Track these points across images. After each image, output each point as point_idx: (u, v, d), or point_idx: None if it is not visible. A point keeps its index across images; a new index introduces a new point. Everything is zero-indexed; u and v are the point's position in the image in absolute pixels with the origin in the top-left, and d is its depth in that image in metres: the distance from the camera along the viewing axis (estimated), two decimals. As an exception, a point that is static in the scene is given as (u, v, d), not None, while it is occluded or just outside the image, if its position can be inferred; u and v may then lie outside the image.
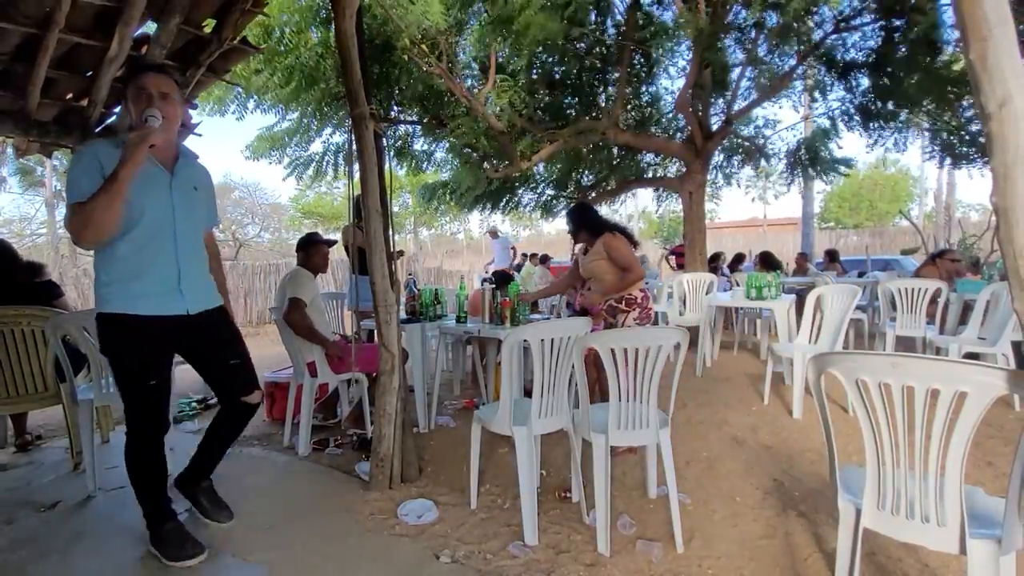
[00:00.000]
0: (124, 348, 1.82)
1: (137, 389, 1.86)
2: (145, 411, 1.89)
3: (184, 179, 1.91)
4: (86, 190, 1.65)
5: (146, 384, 1.85)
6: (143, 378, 1.85)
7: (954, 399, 1.24)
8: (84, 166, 1.72)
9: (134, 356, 1.83)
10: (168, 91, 1.82)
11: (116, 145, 1.76)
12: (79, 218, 1.65)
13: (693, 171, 6.24)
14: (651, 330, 2.11)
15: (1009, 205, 1.08)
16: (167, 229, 1.83)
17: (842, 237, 19.50)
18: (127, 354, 1.83)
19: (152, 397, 1.88)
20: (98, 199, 1.62)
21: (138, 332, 1.81)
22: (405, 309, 3.62)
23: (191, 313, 1.92)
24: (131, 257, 1.78)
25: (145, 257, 1.79)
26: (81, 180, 1.68)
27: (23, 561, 2.01)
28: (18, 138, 3.70)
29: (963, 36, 1.12)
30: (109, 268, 1.79)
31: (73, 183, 1.69)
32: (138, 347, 1.82)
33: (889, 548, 1.91)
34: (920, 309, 4.04)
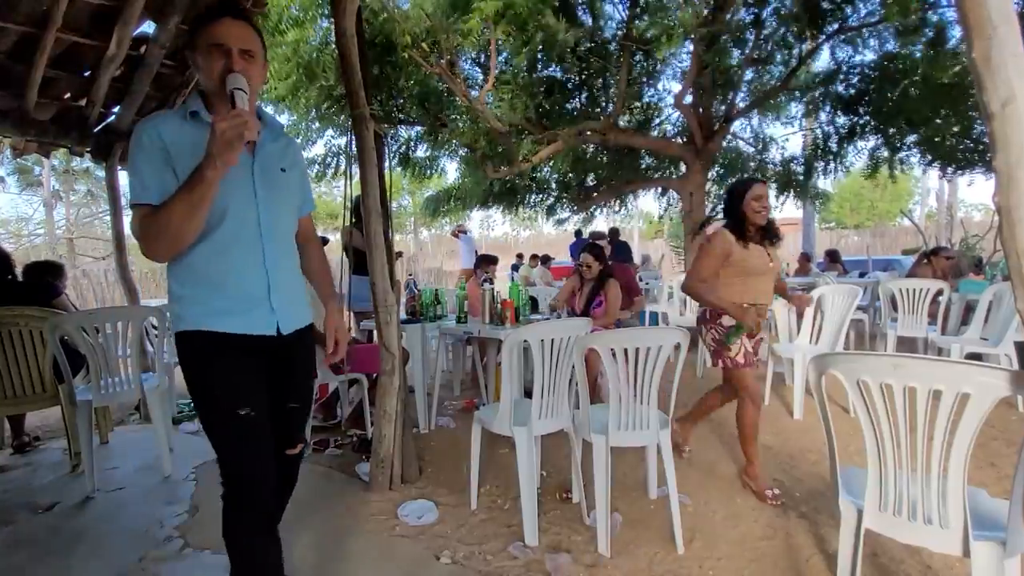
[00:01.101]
0: (204, 369, 1.36)
1: (226, 423, 1.34)
2: (239, 453, 1.35)
3: (269, 159, 1.43)
4: (152, 186, 1.27)
5: (236, 414, 1.33)
6: (232, 406, 1.34)
7: (956, 400, 1.24)
8: (145, 153, 1.28)
9: (217, 378, 1.36)
10: (252, 48, 1.34)
11: (185, 117, 1.33)
12: (150, 227, 1.26)
13: (693, 171, 6.23)
14: (651, 330, 2.10)
15: (1012, 205, 1.07)
16: (252, 228, 1.38)
17: (843, 237, 19.50)
18: (208, 376, 1.35)
19: (247, 433, 1.35)
20: (175, 206, 1.21)
21: (221, 351, 1.36)
22: (405, 309, 3.62)
23: (283, 334, 1.44)
24: (209, 265, 1.34)
25: (226, 264, 1.35)
26: (143, 172, 1.27)
27: (22, 563, 2.01)
28: (16, 138, 3.69)
29: (966, 35, 1.12)
30: (182, 278, 1.36)
31: (135, 175, 1.29)
32: (222, 367, 1.36)
33: (891, 549, 1.90)
34: (922, 309, 4.03)
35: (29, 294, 3.00)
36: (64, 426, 2.99)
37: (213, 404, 1.36)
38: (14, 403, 2.90)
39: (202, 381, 1.36)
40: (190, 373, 1.37)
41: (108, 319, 2.82)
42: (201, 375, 1.36)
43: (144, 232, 1.27)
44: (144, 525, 2.25)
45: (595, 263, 3.68)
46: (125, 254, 4.27)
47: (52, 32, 2.92)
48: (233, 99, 1.23)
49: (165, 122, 1.32)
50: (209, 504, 2.43)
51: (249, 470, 1.36)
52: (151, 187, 1.27)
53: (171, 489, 2.62)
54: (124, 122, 3.93)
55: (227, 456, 1.35)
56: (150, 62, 3.40)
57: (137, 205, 1.28)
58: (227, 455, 1.35)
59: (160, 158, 1.28)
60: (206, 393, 1.36)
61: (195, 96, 1.37)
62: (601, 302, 3.66)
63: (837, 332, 3.35)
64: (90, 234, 18.76)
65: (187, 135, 1.31)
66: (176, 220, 1.22)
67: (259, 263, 1.39)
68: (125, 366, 2.91)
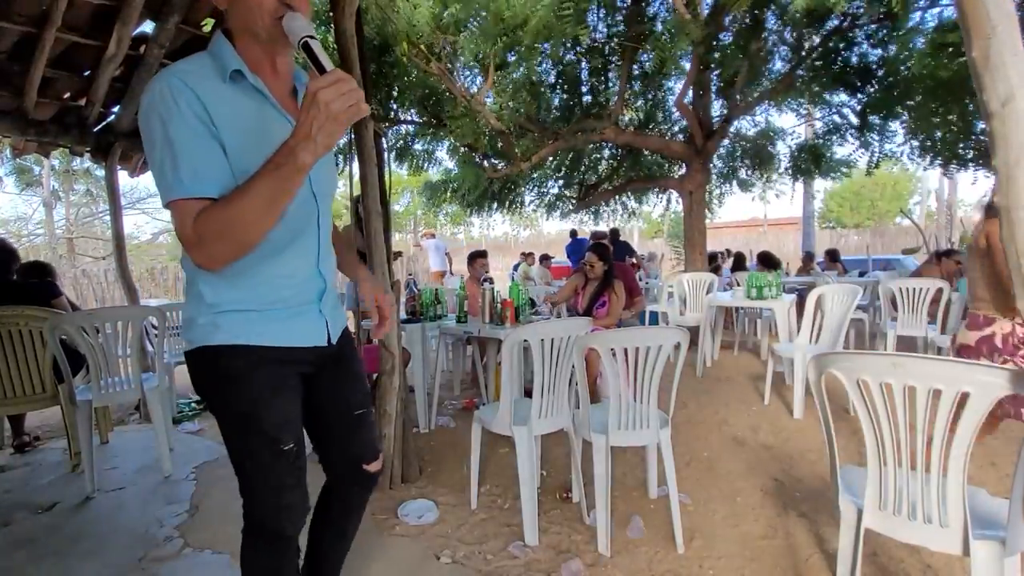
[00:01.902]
0: (244, 393, 1.10)
1: (268, 457, 1.12)
2: (279, 489, 1.15)
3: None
4: (205, 171, 0.96)
5: (280, 449, 1.13)
6: (276, 439, 1.12)
7: (956, 399, 1.24)
8: (187, 125, 0.95)
9: (261, 404, 1.11)
10: None
11: (224, 78, 1.02)
12: (211, 226, 0.93)
13: (693, 171, 6.24)
14: (651, 330, 2.10)
15: (1012, 204, 1.07)
16: (311, 225, 1.16)
17: (843, 237, 19.50)
18: (249, 402, 1.11)
19: (289, 468, 1.15)
20: (251, 200, 0.90)
21: (264, 370, 1.12)
22: (405, 309, 3.62)
23: (332, 342, 1.23)
24: (259, 268, 1.09)
25: (280, 268, 1.11)
26: (190, 151, 0.95)
27: (22, 563, 2.01)
28: (15, 137, 3.69)
29: (965, 34, 1.12)
30: (220, 283, 1.07)
31: (174, 157, 0.94)
32: (266, 391, 1.12)
33: (891, 549, 1.90)
34: (921, 309, 4.03)
35: (28, 294, 3.00)
36: (64, 426, 2.99)
37: (254, 435, 1.12)
38: (14, 403, 2.90)
39: (240, 407, 1.11)
40: (225, 395, 1.11)
41: (108, 319, 2.82)
42: (240, 399, 1.10)
43: (202, 232, 0.93)
44: (144, 525, 2.25)
45: (599, 263, 3.68)
46: (125, 254, 4.27)
47: (51, 32, 2.92)
48: (315, 56, 0.89)
49: (198, 80, 0.98)
50: (209, 504, 2.43)
51: (288, 503, 1.16)
52: (203, 173, 0.95)
53: (171, 489, 2.62)
54: (124, 122, 3.93)
55: (262, 490, 1.15)
56: (150, 62, 3.40)
57: (184, 200, 0.94)
58: (262, 490, 1.15)
59: (206, 131, 0.96)
60: (246, 422, 1.11)
61: (222, 41, 1.05)
62: (605, 302, 3.66)
63: (837, 331, 3.35)
64: (90, 234, 18.76)
65: (233, 103, 1.01)
66: (251, 217, 0.92)
67: (313, 264, 1.17)
68: (125, 366, 2.91)
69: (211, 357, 1.09)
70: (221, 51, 1.04)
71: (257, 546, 1.21)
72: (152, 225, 20.16)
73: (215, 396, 1.13)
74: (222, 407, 1.13)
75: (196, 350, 1.10)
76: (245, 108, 1.02)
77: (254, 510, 1.17)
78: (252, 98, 1.04)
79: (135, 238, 16.75)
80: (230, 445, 1.15)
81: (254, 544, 1.21)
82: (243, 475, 1.16)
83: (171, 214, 0.97)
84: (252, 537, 1.20)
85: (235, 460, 1.16)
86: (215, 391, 1.13)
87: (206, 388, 1.14)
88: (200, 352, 1.10)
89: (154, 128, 0.95)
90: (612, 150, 7.30)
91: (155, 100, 0.95)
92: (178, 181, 0.94)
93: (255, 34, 1.03)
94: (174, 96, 0.95)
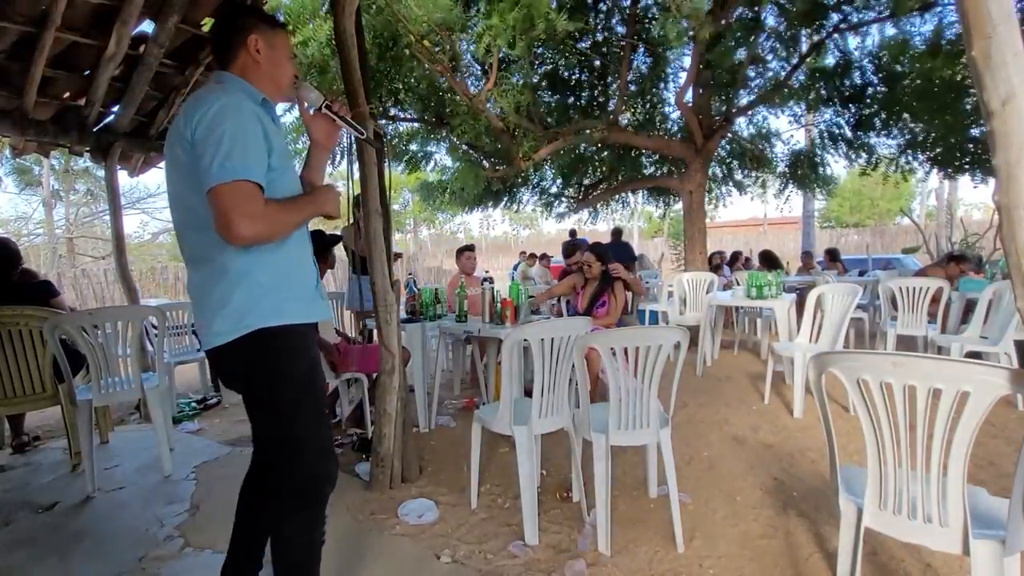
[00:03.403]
0: (305, 365, 1.35)
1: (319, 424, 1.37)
2: (325, 453, 1.38)
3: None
4: (257, 166, 1.22)
5: (323, 414, 1.40)
6: (322, 407, 1.40)
7: (956, 399, 1.24)
8: (254, 129, 1.24)
9: (316, 378, 1.38)
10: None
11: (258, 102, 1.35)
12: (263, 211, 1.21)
13: (693, 170, 6.23)
14: (651, 329, 2.10)
15: (1012, 203, 1.07)
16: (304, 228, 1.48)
17: (843, 236, 19.50)
18: (309, 375, 1.36)
19: (329, 433, 1.43)
20: (297, 216, 1.33)
21: (310, 345, 1.39)
22: (405, 309, 3.62)
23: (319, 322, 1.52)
24: (293, 254, 1.37)
25: (304, 258, 1.43)
26: (252, 147, 1.22)
27: (22, 562, 2.00)
28: (15, 137, 3.69)
29: (966, 33, 1.12)
30: (271, 268, 1.31)
31: (240, 145, 1.19)
32: (315, 362, 1.39)
33: (891, 548, 1.90)
34: (921, 308, 4.03)
35: (28, 294, 3.00)
36: (64, 426, 2.99)
37: (310, 402, 1.34)
38: (14, 403, 2.90)
39: (303, 379, 1.33)
40: (289, 369, 1.31)
41: (108, 319, 2.82)
42: (303, 371, 1.33)
43: (268, 213, 1.22)
44: (144, 525, 2.25)
45: (596, 263, 3.67)
46: (125, 254, 4.27)
47: (51, 31, 2.92)
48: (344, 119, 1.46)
49: (252, 102, 1.31)
50: (209, 504, 2.43)
51: (331, 466, 1.39)
52: (255, 166, 1.21)
53: (171, 489, 2.62)
54: (123, 122, 3.93)
55: (314, 453, 1.34)
56: (149, 61, 3.40)
57: (253, 183, 1.20)
58: (315, 453, 1.34)
59: (263, 139, 1.25)
60: (307, 391, 1.33)
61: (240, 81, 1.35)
62: (605, 302, 3.65)
63: (837, 331, 3.35)
64: (90, 234, 18.75)
65: (269, 121, 1.32)
66: (293, 224, 1.32)
67: (311, 259, 1.47)
68: (125, 366, 2.91)
69: (278, 335, 1.29)
70: (242, 85, 1.35)
71: (301, 515, 1.36)
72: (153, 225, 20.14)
73: (278, 370, 1.30)
74: (287, 379, 1.31)
75: (259, 331, 1.27)
76: (275, 126, 1.36)
77: (299, 476, 1.33)
78: (275, 120, 1.40)
79: (136, 237, 16.75)
80: (286, 416, 1.31)
81: (305, 516, 1.37)
82: (290, 444, 1.32)
83: (228, 192, 1.17)
84: (298, 509, 1.36)
85: (287, 430, 1.31)
86: (279, 365, 1.30)
87: (268, 364, 1.29)
88: (262, 332, 1.27)
89: (224, 123, 1.19)
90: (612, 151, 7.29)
91: (230, 104, 1.22)
92: (246, 167, 1.19)
93: (278, 86, 1.42)
94: (247, 107, 1.26)
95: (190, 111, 1.23)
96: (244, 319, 1.26)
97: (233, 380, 1.37)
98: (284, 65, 1.41)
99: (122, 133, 4.00)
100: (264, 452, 1.45)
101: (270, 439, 1.37)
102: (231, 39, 1.37)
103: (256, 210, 1.19)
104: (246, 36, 1.36)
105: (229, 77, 1.36)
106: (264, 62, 1.37)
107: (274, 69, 1.39)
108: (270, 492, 1.39)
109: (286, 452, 1.33)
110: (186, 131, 1.22)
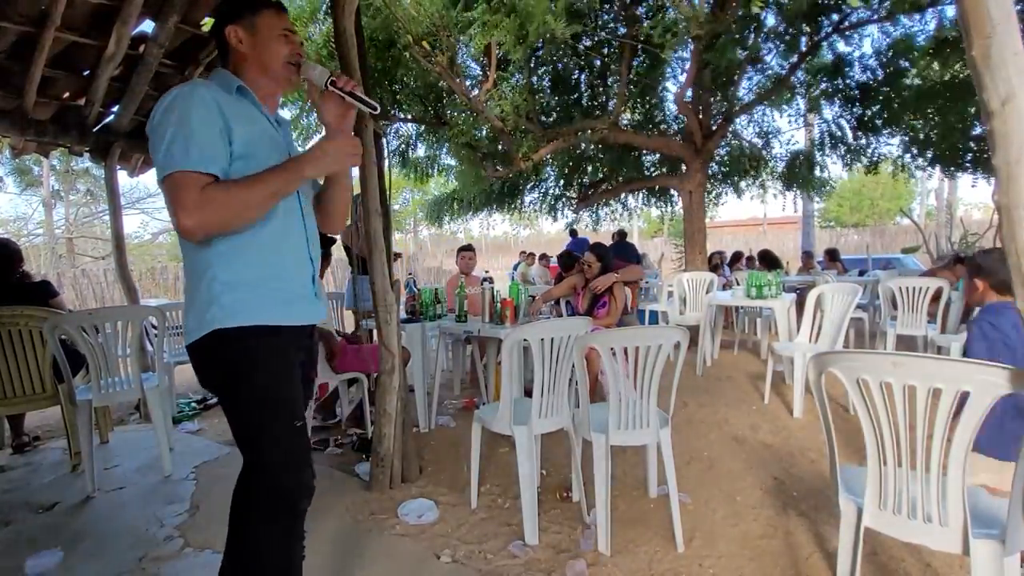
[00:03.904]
0: (265, 373, 1.21)
1: (286, 435, 1.23)
2: (297, 465, 1.25)
3: (288, 135, 1.43)
4: (211, 154, 1.13)
5: (294, 426, 1.25)
6: (292, 417, 1.25)
7: (956, 398, 1.24)
8: (206, 115, 1.14)
9: (281, 384, 1.24)
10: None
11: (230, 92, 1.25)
12: (213, 200, 1.11)
13: (693, 170, 6.24)
14: (651, 329, 2.10)
15: (1012, 203, 1.07)
16: (298, 220, 1.34)
17: (843, 236, 19.50)
18: (269, 381, 1.22)
19: (302, 444, 1.28)
20: (259, 189, 1.14)
21: (281, 350, 1.25)
22: (405, 309, 3.62)
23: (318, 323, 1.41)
24: (267, 246, 1.24)
25: (282, 253, 1.28)
26: (201, 135, 1.13)
27: (22, 562, 2.00)
28: (15, 137, 3.69)
29: (966, 33, 1.11)
30: (234, 263, 1.20)
31: (187, 138, 1.11)
32: (283, 372, 1.25)
33: (891, 548, 1.90)
34: (921, 308, 4.03)
35: (27, 294, 3.00)
36: (64, 426, 2.98)
37: (274, 413, 1.22)
38: (14, 403, 2.90)
39: (263, 387, 1.21)
40: (246, 376, 1.20)
41: (108, 319, 2.82)
42: (263, 379, 1.21)
43: (208, 199, 1.10)
44: (144, 525, 2.25)
45: (596, 263, 3.67)
46: (124, 254, 4.27)
47: (51, 31, 2.92)
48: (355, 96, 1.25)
49: (213, 91, 1.20)
50: (209, 504, 2.43)
51: (303, 481, 1.26)
52: (210, 155, 1.13)
53: (171, 489, 2.62)
54: (123, 122, 3.93)
55: (279, 467, 1.23)
56: (149, 61, 3.40)
57: (191, 172, 1.10)
58: (279, 466, 1.23)
59: (219, 125, 1.16)
60: (267, 401, 1.21)
61: (225, 73, 1.30)
62: (605, 303, 3.64)
63: (837, 331, 3.35)
64: (89, 234, 18.75)
65: (239, 108, 1.23)
66: (254, 200, 1.15)
67: (304, 244, 1.34)
68: (125, 366, 2.91)
69: (232, 339, 1.19)
70: (225, 76, 1.29)
71: (278, 530, 1.25)
72: (152, 225, 20.13)
73: (236, 376, 1.21)
74: (243, 387, 1.21)
75: (215, 332, 1.18)
76: (248, 113, 1.26)
77: (271, 488, 1.22)
78: (254, 108, 1.29)
79: (136, 237, 16.73)
80: (247, 426, 1.22)
81: (274, 530, 1.25)
82: (263, 453, 1.22)
83: (168, 186, 1.11)
84: (268, 521, 1.24)
85: (251, 440, 1.22)
86: (236, 372, 1.20)
87: (222, 373, 1.22)
88: (223, 333, 1.18)
89: (171, 114, 1.13)
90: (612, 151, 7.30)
91: (181, 94, 1.15)
92: (185, 156, 1.11)
93: (268, 69, 1.30)
94: (200, 95, 1.16)
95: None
96: (203, 318, 1.18)
97: (204, 382, 1.29)
98: (271, 46, 1.29)
99: (122, 133, 3.99)
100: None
101: (242, 444, 1.24)
102: (217, 39, 1.32)
103: (191, 199, 1.09)
104: (223, 30, 1.29)
105: (219, 72, 1.31)
106: (248, 49, 1.29)
107: (260, 53, 1.29)
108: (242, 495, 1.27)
109: (253, 461, 1.23)
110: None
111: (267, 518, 1.24)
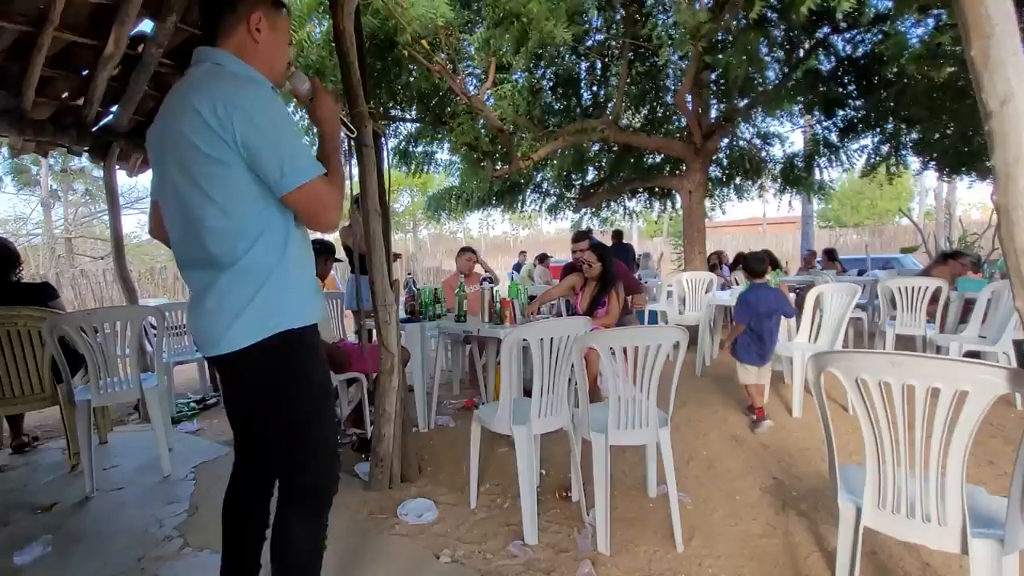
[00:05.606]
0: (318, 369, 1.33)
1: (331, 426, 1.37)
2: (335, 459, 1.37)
3: None
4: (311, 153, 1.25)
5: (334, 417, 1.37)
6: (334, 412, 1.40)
7: (955, 398, 1.24)
8: (292, 123, 1.25)
9: (326, 378, 1.37)
10: None
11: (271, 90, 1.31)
12: (335, 196, 1.25)
13: (693, 170, 6.24)
14: (650, 329, 2.11)
15: (1011, 203, 1.07)
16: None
17: (842, 236, 19.50)
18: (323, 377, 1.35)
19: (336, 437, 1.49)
20: (337, 173, 1.30)
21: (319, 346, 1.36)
22: (405, 309, 3.62)
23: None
24: (305, 248, 1.34)
25: (306, 243, 1.36)
26: (300, 138, 1.25)
27: (22, 562, 2.00)
28: (13, 137, 3.68)
29: (964, 33, 1.12)
30: (294, 267, 1.27)
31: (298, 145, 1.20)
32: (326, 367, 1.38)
33: (890, 547, 1.91)
34: (920, 308, 4.03)
35: (26, 294, 3.00)
36: (63, 426, 2.98)
37: (326, 404, 1.34)
38: (13, 403, 2.90)
39: (320, 382, 1.32)
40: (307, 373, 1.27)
41: (107, 319, 2.81)
42: (319, 374, 1.32)
43: (332, 201, 1.23)
44: (143, 525, 2.25)
45: (597, 263, 3.66)
46: (123, 254, 4.26)
47: (49, 31, 2.91)
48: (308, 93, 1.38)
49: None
50: (208, 504, 2.43)
51: (337, 472, 1.37)
52: (310, 155, 1.22)
53: (170, 489, 2.62)
54: (122, 121, 3.92)
55: (323, 461, 1.32)
56: (148, 61, 3.39)
57: (316, 179, 1.19)
58: (326, 458, 1.32)
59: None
60: (323, 394, 1.32)
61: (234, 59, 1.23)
62: (605, 303, 3.64)
63: (836, 330, 3.36)
64: (88, 234, 18.71)
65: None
66: (343, 176, 1.33)
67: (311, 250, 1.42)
68: (124, 366, 2.90)
69: (301, 337, 1.25)
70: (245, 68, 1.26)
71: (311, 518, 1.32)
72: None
73: (299, 374, 1.26)
74: (305, 382, 1.27)
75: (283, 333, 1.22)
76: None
77: (313, 479, 1.30)
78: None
79: (135, 237, 16.68)
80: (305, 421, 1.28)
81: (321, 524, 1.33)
82: (308, 448, 1.28)
83: (308, 191, 1.18)
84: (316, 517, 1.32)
85: (305, 433, 1.28)
86: (300, 368, 1.26)
87: (293, 368, 1.25)
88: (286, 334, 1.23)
89: (277, 120, 1.17)
90: (612, 151, 7.30)
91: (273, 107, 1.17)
92: (313, 163, 1.20)
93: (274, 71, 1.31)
94: (281, 105, 1.21)
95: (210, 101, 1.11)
96: (266, 321, 1.20)
97: (245, 388, 1.29)
98: (284, 50, 1.33)
99: (121, 133, 3.99)
100: (272, 457, 1.37)
101: (284, 445, 1.28)
102: (230, 11, 1.22)
103: (336, 200, 1.25)
104: (249, 12, 1.22)
105: (225, 56, 1.22)
106: (263, 43, 1.26)
107: (273, 53, 1.29)
108: (280, 499, 1.32)
109: (300, 459, 1.28)
110: (212, 122, 1.10)
111: (309, 513, 1.32)
